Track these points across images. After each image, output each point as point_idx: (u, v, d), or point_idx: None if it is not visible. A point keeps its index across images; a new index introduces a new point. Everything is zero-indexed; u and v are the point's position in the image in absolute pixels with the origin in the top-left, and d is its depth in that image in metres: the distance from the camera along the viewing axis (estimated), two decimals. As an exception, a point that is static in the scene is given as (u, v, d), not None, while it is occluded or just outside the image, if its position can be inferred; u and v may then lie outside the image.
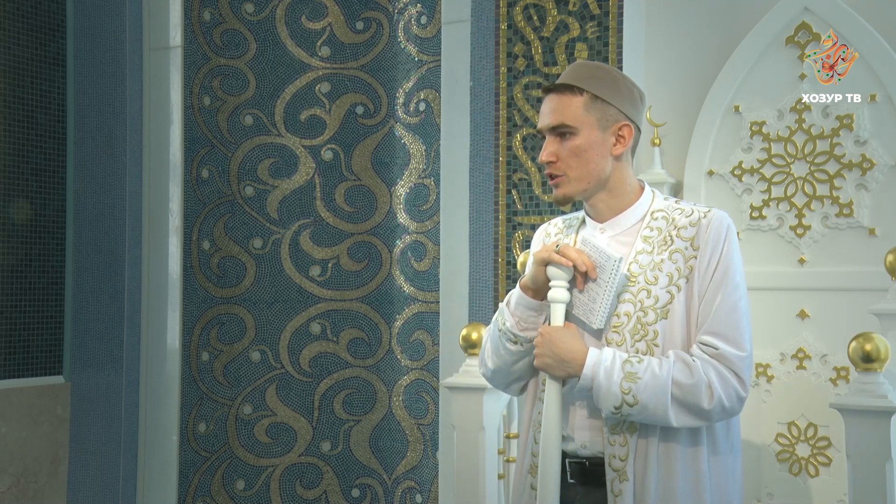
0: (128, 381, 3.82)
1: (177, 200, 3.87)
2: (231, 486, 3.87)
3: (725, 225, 2.06)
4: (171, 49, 3.87)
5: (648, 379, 1.95)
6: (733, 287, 2.02)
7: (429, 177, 3.77)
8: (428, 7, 3.75)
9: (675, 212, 2.11)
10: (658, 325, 2.02)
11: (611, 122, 2.09)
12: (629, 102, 2.11)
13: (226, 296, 3.90)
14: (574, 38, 3.22)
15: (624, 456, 2.01)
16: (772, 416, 3.01)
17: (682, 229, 2.07)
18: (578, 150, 2.07)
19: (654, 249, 2.08)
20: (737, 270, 2.04)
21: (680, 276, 2.04)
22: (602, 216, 2.14)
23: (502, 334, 2.15)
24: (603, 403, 1.99)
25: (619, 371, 1.97)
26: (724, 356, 1.98)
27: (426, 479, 3.71)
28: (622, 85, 2.11)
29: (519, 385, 2.24)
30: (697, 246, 2.04)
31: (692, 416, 1.97)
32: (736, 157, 3.10)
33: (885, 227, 2.91)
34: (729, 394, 1.98)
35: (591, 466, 2.07)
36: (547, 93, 2.13)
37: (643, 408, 1.96)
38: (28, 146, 3.81)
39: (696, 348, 2.00)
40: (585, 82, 2.08)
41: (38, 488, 3.78)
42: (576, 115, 2.07)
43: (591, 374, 1.98)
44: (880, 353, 2.48)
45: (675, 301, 2.03)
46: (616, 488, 2.01)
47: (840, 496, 2.89)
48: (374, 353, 3.88)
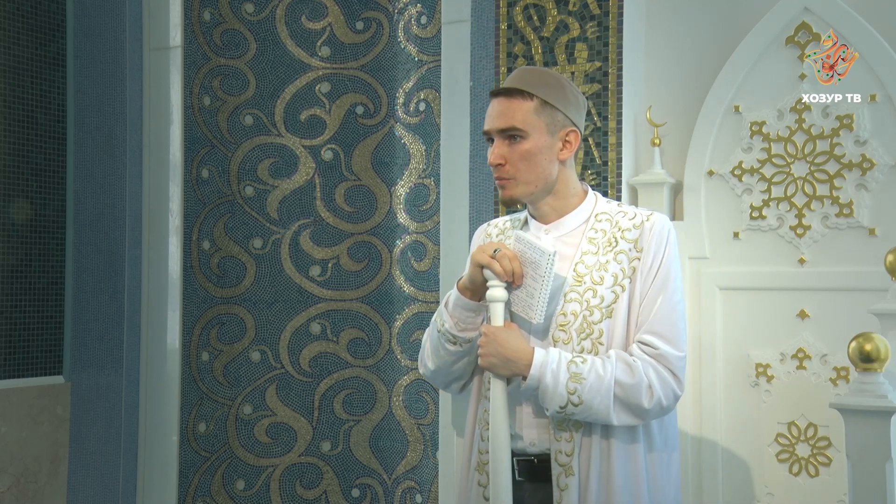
0: (128, 381, 3.82)
1: (177, 200, 3.87)
2: (231, 486, 3.87)
3: (667, 229, 2.13)
4: (171, 49, 3.87)
5: (593, 380, 2.01)
6: (673, 290, 2.09)
7: (429, 177, 3.77)
8: (428, 7, 3.75)
9: (618, 214, 2.17)
10: (603, 323, 2.08)
11: (559, 127, 2.14)
12: (575, 108, 2.17)
13: (226, 296, 3.90)
14: (574, 38, 3.22)
15: (570, 451, 2.07)
16: (772, 416, 3.02)
17: (625, 231, 2.14)
18: (528, 154, 2.12)
19: (598, 250, 2.13)
20: (677, 275, 2.12)
21: (624, 276, 2.10)
22: (546, 218, 2.20)
23: (441, 335, 2.19)
24: (549, 403, 2.04)
25: (565, 372, 2.02)
26: (664, 356, 2.05)
27: (426, 479, 3.71)
28: (569, 91, 2.16)
29: (459, 384, 2.29)
30: (641, 248, 2.11)
31: (632, 415, 2.05)
32: (736, 157, 3.10)
33: (885, 227, 2.91)
34: (667, 393, 2.05)
35: (538, 463, 2.12)
36: (495, 96, 2.17)
37: (587, 407, 2.02)
38: (28, 146, 3.81)
39: (636, 348, 2.07)
40: (535, 88, 2.12)
41: (38, 488, 3.78)
42: (526, 119, 2.11)
43: (538, 374, 2.04)
44: (880, 353, 2.48)
45: (619, 301, 2.09)
46: (562, 483, 2.07)
47: (840, 496, 2.89)
48: (374, 353, 3.88)
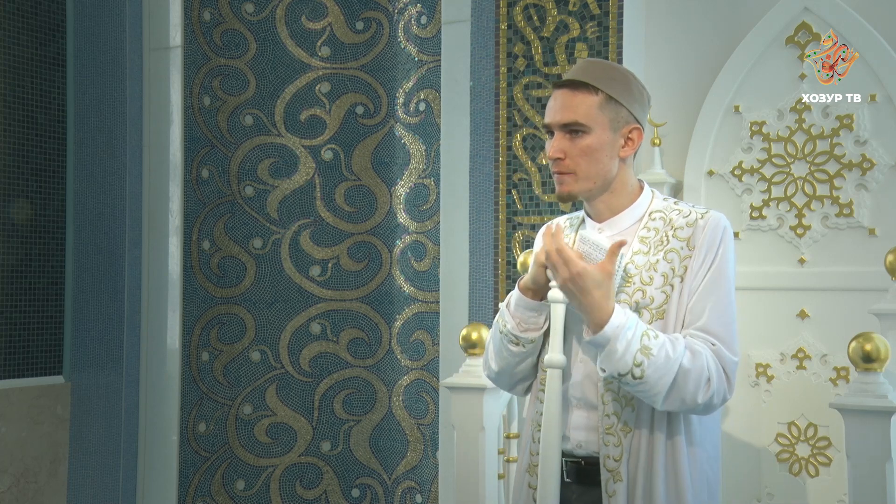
0: (128, 381, 3.82)
1: (177, 200, 3.87)
2: (231, 486, 3.87)
3: (722, 226, 2.04)
4: (171, 49, 3.87)
5: (662, 359, 1.92)
6: (726, 291, 2.02)
7: (429, 177, 3.77)
8: (428, 7, 3.75)
9: (672, 212, 2.10)
10: (654, 325, 2.01)
11: (622, 123, 2.07)
12: (639, 105, 2.10)
13: (226, 296, 3.90)
14: (574, 38, 3.22)
15: (618, 457, 2.02)
16: (772, 416, 3.01)
17: (678, 230, 2.06)
18: (589, 150, 2.05)
19: (650, 250, 2.07)
20: (731, 275, 2.03)
21: (674, 275, 2.03)
22: (601, 216, 2.13)
23: (504, 336, 2.15)
24: (610, 365, 1.93)
25: (638, 342, 1.92)
26: (723, 356, 1.97)
27: (426, 479, 3.71)
28: (634, 87, 2.09)
29: (524, 385, 2.24)
30: (693, 246, 2.03)
31: (682, 404, 1.95)
32: (736, 157, 3.10)
33: (885, 227, 2.91)
34: (720, 392, 1.97)
35: (586, 466, 2.07)
36: (558, 88, 2.08)
37: (645, 383, 1.92)
38: (28, 146, 3.81)
39: (696, 338, 1.97)
40: (601, 82, 2.05)
41: (38, 488, 3.78)
42: (590, 113, 2.04)
43: (611, 334, 1.92)
44: (880, 353, 2.48)
45: (670, 301, 2.02)
46: (610, 489, 2.02)
47: (840, 496, 2.89)
48: (374, 353, 3.87)
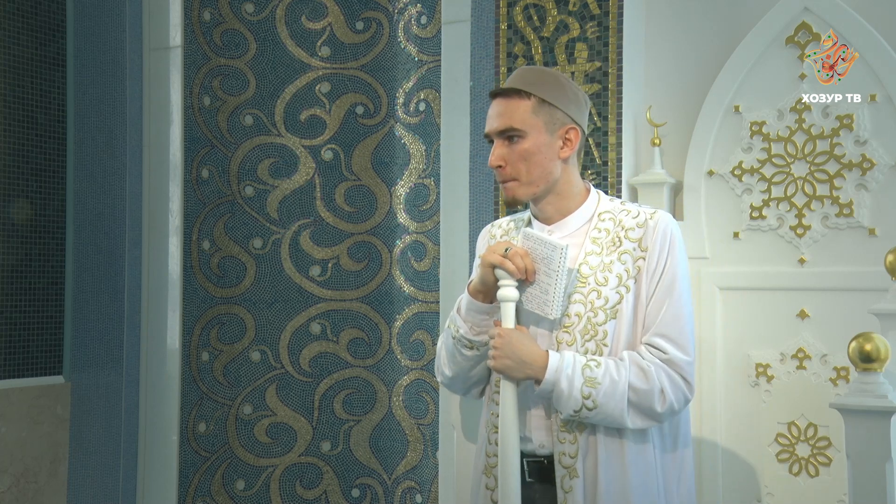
0: (128, 381, 3.82)
1: (177, 200, 3.87)
2: (231, 486, 3.87)
3: (671, 227, 2.10)
4: (171, 49, 3.87)
5: (608, 384, 2.00)
6: (679, 293, 2.07)
7: (429, 177, 3.77)
8: (428, 7, 3.75)
9: (621, 213, 2.15)
10: (608, 325, 2.06)
11: (558, 125, 2.12)
12: (575, 106, 2.14)
13: (226, 296, 3.90)
14: (574, 38, 3.22)
15: (573, 453, 2.05)
16: (772, 416, 3.02)
17: (629, 230, 2.11)
18: (527, 154, 2.10)
19: (602, 250, 2.11)
20: (683, 276, 2.09)
21: (628, 276, 2.08)
22: (550, 218, 2.17)
23: (457, 341, 2.18)
24: (563, 407, 2.03)
25: (580, 376, 2.01)
26: (674, 362, 2.03)
27: (426, 479, 3.71)
28: (568, 89, 2.14)
29: (478, 389, 2.27)
30: (645, 247, 2.08)
31: (645, 418, 2.04)
32: (736, 157, 3.10)
33: (885, 227, 2.91)
34: (678, 398, 2.05)
35: (548, 464, 2.11)
36: (493, 97, 2.16)
37: (601, 411, 2.01)
38: (28, 146, 3.81)
39: (646, 350, 2.05)
40: (532, 86, 2.11)
41: (38, 488, 3.78)
42: (523, 118, 2.10)
43: (553, 378, 2.02)
44: (880, 353, 2.48)
45: (623, 301, 2.07)
46: (566, 485, 2.06)
47: (840, 496, 2.89)
48: (374, 353, 3.88)
